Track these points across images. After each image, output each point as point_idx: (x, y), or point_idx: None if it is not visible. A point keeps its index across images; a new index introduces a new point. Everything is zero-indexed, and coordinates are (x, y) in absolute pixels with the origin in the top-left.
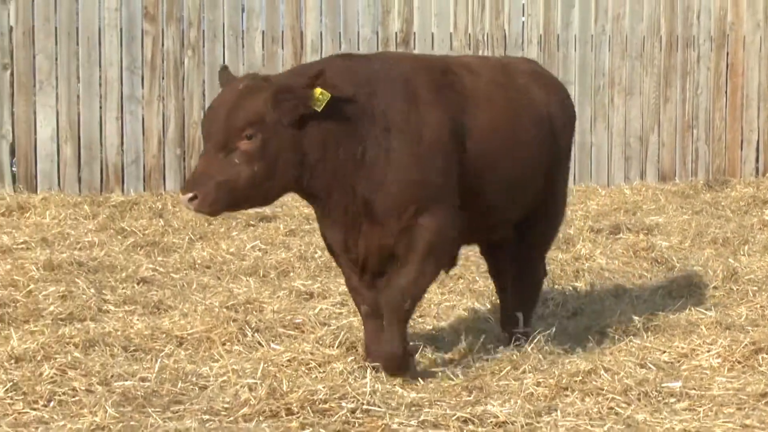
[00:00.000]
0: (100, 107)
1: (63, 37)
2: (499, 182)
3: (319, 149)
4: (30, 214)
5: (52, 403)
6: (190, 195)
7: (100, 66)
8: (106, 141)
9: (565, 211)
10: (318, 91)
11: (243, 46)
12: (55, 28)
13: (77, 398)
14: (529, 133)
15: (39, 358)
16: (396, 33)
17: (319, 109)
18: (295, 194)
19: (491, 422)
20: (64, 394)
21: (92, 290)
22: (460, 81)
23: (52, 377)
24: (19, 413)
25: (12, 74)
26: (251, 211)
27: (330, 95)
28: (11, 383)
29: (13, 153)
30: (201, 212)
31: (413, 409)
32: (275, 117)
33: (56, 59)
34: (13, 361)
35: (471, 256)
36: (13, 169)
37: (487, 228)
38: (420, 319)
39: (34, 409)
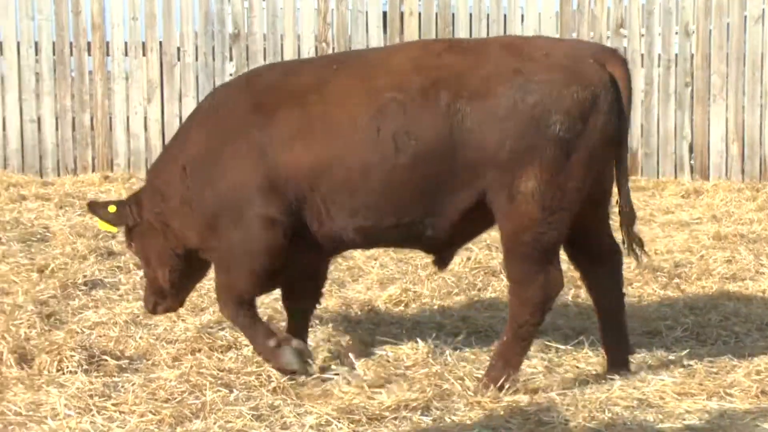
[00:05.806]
0: (760, 115)
1: (732, 61)
2: (371, 181)
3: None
4: (703, 197)
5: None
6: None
7: (761, 83)
8: (765, 141)
9: (547, 215)
10: (102, 225)
11: None
12: (726, 54)
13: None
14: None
15: (707, 308)
16: None
17: (114, 230)
18: None
19: None
20: None
21: (751, 256)
22: (311, 80)
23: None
24: None
25: (692, 90)
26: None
27: (106, 228)
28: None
29: (691, 150)
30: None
31: None
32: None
33: (726, 78)
34: (687, 309)
35: None
36: (691, 162)
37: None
38: None
39: None
